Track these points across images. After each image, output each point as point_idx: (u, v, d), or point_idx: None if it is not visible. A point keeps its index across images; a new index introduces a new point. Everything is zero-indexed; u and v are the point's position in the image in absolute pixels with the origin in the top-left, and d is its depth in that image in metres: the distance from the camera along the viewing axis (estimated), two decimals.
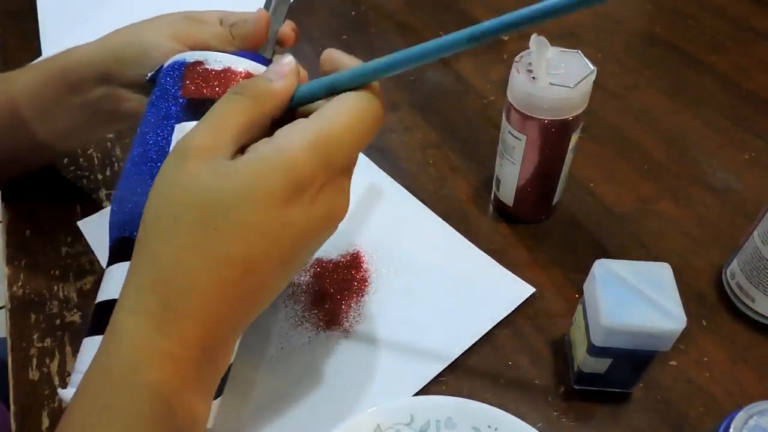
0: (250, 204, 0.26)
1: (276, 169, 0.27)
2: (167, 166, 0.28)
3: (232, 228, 0.26)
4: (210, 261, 0.26)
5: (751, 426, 0.31)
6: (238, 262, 0.27)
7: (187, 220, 0.26)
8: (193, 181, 0.26)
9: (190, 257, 0.26)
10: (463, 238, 0.49)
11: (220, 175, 0.26)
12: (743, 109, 0.60)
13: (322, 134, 0.28)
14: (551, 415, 0.40)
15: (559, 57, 0.42)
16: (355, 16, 0.75)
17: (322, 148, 0.28)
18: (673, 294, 0.35)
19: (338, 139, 0.28)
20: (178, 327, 0.26)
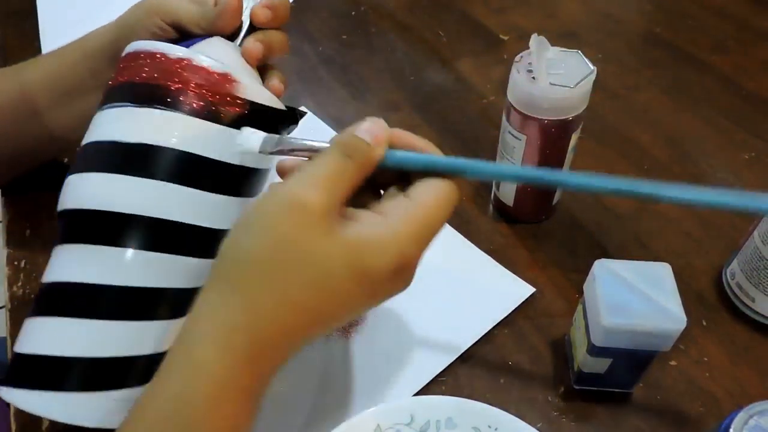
0: (354, 278, 0.28)
1: (388, 254, 0.28)
2: (277, 211, 0.28)
3: (333, 294, 0.28)
4: (308, 322, 0.28)
5: (751, 426, 0.31)
6: (327, 323, 0.29)
7: (297, 275, 0.27)
8: (313, 239, 0.27)
9: (291, 316, 0.28)
10: (463, 238, 0.49)
11: (340, 242, 0.28)
12: (743, 109, 0.60)
13: (426, 221, 0.30)
14: (551, 415, 0.40)
15: (559, 57, 0.42)
16: (355, 16, 0.75)
17: (424, 234, 0.30)
18: (673, 294, 0.35)
19: (436, 224, 0.30)
20: (259, 367, 0.28)
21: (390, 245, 0.28)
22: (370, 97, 0.63)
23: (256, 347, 0.27)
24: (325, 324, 0.29)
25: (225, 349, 0.27)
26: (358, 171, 0.29)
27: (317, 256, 0.27)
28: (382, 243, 0.28)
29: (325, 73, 0.66)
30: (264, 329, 0.27)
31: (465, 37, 0.71)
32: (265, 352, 0.28)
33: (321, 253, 0.27)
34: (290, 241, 0.27)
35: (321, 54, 0.69)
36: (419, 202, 0.30)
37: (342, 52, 0.69)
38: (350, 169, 0.29)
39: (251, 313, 0.27)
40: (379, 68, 0.67)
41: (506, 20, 0.72)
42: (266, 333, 0.27)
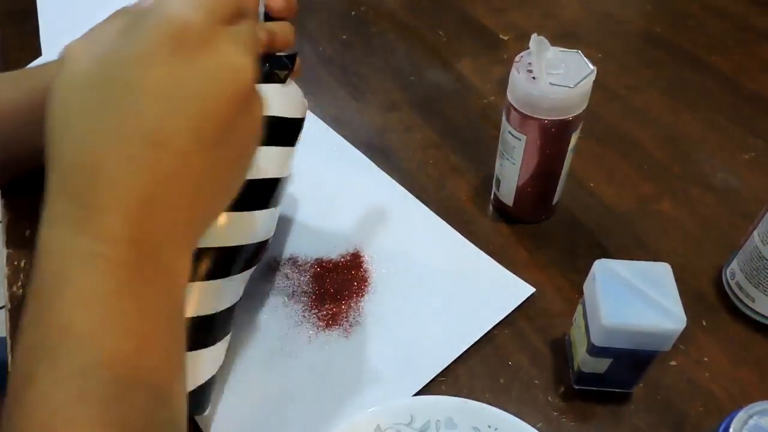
0: (136, 68, 0.24)
1: (152, 25, 0.24)
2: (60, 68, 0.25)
3: (124, 98, 0.24)
4: (112, 141, 0.23)
5: (751, 426, 0.31)
6: (141, 133, 0.24)
7: (78, 105, 0.24)
8: (78, 66, 0.24)
9: (90, 143, 0.23)
10: (463, 238, 0.49)
11: (112, 47, 0.25)
12: (743, 109, 0.60)
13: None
14: (551, 415, 0.40)
15: (559, 57, 0.42)
16: (355, 16, 0.75)
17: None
18: (673, 294, 0.35)
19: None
20: (100, 223, 0.23)
21: (152, 17, 0.25)
22: (370, 97, 0.63)
23: (83, 202, 0.23)
24: (162, 142, 0.24)
25: (51, 222, 0.24)
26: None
27: (87, 76, 0.24)
28: (144, 19, 0.25)
29: (325, 73, 0.66)
30: (76, 179, 0.23)
31: (465, 37, 0.71)
32: (95, 203, 0.23)
33: (88, 70, 0.24)
34: (60, 84, 0.25)
35: (321, 54, 0.69)
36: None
37: (342, 52, 0.69)
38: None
39: (59, 167, 0.24)
40: (379, 68, 0.67)
41: (506, 20, 0.72)
42: (81, 181, 0.23)
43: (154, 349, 0.25)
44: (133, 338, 0.24)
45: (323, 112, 0.61)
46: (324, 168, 0.55)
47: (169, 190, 0.25)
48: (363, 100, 0.63)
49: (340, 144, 0.58)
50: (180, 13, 0.25)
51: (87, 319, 0.23)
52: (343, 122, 0.60)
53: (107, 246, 0.23)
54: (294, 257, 0.48)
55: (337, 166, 0.56)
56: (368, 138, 0.58)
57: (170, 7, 0.25)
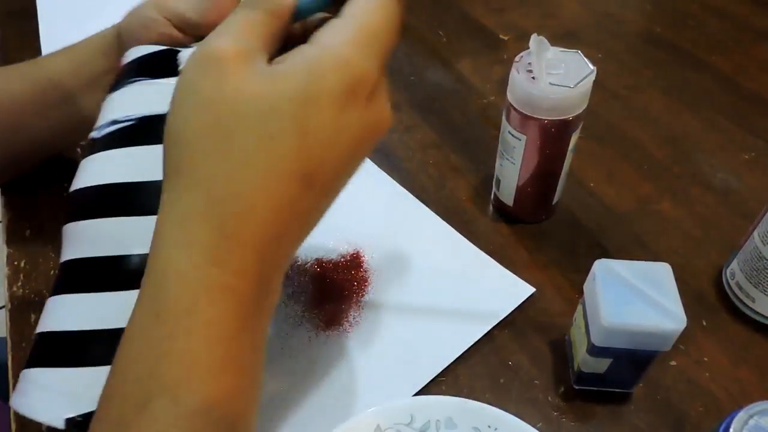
0: (308, 108, 0.23)
1: (330, 68, 0.24)
2: (195, 76, 0.24)
3: (290, 136, 0.23)
4: (269, 177, 0.23)
5: (751, 426, 0.31)
6: (298, 177, 0.24)
7: (240, 132, 0.23)
8: (240, 88, 0.23)
9: (247, 175, 0.23)
10: (463, 238, 0.49)
11: (269, 79, 0.23)
12: (743, 109, 0.60)
13: (364, 29, 0.25)
14: (551, 415, 0.40)
15: (559, 57, 0.42)
16: None
17: (368, 42, 0.25)
18: (673, 294, 0.35)
19: (380, 32, 0.25)
20: (238, 257, 0.23)
21: (326, 60, 0.24)
22: None
23: (226, 233, 0.23)
24: (314, 184, 0.24)
25: (184, 246, 0.23)
26: (270, 17, 0.26)
27: (259, 102, 0.23)
28: (317, 61, 0.24)
29: None
30: (226, 206, 0.23)
31: (465, 37, 0.71)
32: (239, 236, 0.23)
33: (261, 96, 0.23)
34: (217, 100, 0.23)
35: None
36: (352, 13, 0.25)
37: None
38: (259, 16, 0.25)
39: (205, 194, 0.23)
40: None
41: (506, 20, 0.72)
42: (231, 212, 0.23)
43: (255, 384, 0.25)
44: (245, 375, 0.24)
45: None
46: None
47: (301, 227, 0.25)
48: None
49: None
50: (360, 62, 0.24)
51: (212, 355, 0.23)
52: None
53: (240, 281, 0.23)
54: (294, 257, 0.48)
55: None
56: None
57: (350, 54, 0.24)
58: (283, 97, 0.23)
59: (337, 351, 0.43)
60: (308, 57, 0.24)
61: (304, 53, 0.24)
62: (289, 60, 0.24)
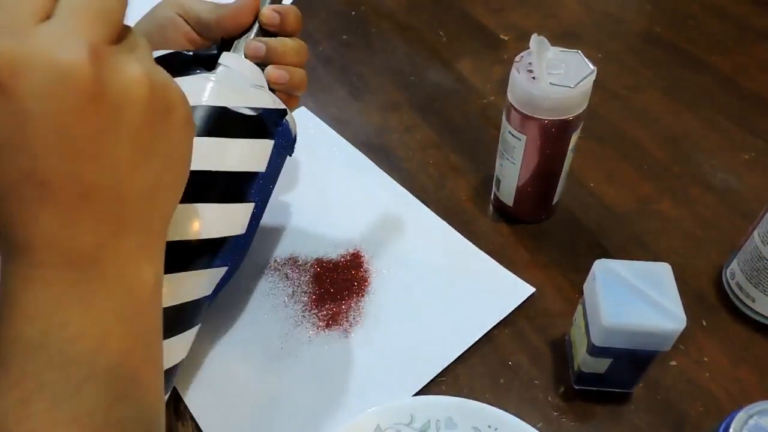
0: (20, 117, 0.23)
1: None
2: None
3: (17, 145, 0.24)
4: (10, 185, 0.24)
5: (751, 426, 0.31)
6: (25, 178, 0.24)
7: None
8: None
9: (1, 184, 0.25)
10: (463, 238, 0.49)
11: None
12: (743, 109, 0.60)
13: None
14: (551, 415, 0.40)
15: (559, 57, 0.42)
16: (355, 16, 0.75)
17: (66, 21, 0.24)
18: (673, 294, 0.35)
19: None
20: (30, 256, 0.25)
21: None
22: (370, 97, 0.63)
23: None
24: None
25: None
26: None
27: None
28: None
29: (325, 73, 0.66)
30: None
31: (465, 37, 0.71)
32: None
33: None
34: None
35: (321, 54, 0.69)
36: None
37: (342, 52, 0.69)
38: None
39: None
40: (379, 68, 0.67)
41: (506, 20, 0.72)
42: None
43: (106, 351, 0.26)
44: (80, 342, 0.25)
45: (323, 112, 0.61)
46: (324, 168, 0.55)
47: (72, 215, 0.25)
48: (363, 100, 0.63)
49: (340, 144, 0.58)
50: (60, 58, 0.23)
51: (33, 330, 0.25)
52: (343, 122, 0.60)
53: (43, 270, 0.25)
54: (294, 257, 0.48)
55: (337, 166, 0.56)
56: (368, 138, 0.58)
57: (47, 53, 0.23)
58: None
59: (337, 351, 0.43)
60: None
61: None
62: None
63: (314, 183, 0.54)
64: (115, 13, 0.25)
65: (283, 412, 0.40)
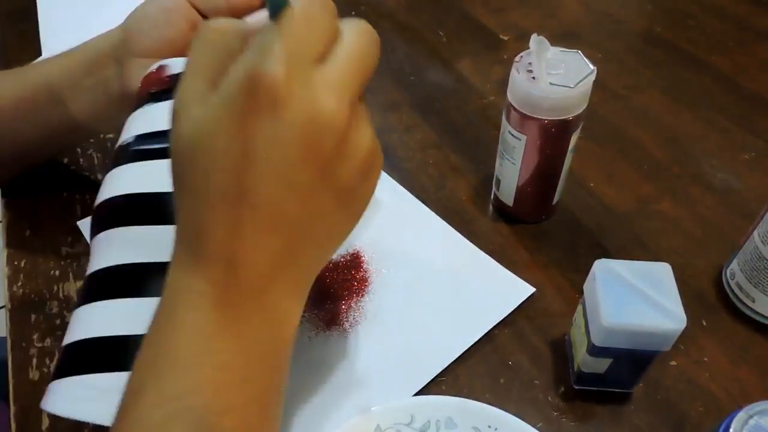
0: (215, 135, 0.25)
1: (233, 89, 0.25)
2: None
3: (211, 160, 0.26)
4: (205, 201, 0.26)
5: (751, 426, 0.31)
6: (222, 196, 0.26)
7: (188, 165, 0.26)
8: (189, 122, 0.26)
9: (195, 202, 0.26)
10: (463, 238, 0.49)
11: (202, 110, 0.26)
12: (743, 109, 0.60)
13: (344, 63, 0.27)
14: (551, 415, 0.40)
15: (559, 57, 0.42)
16: (355, 16, 0.74)
17: (344, 80, 0.27)
18: (673, 294, 0.35)
19: (360, 66, 0.28)
20: (203, 268, 0.26)
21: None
22: (370, 97, 0.63)
23: (191, 250, 0.26)
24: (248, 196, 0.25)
25: (172, 263, 0.26)
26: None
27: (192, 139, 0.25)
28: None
29: None
30: (186, 232, 0.26)
31: (465, 37, 0.71)
32: (205, 251, 0.25)
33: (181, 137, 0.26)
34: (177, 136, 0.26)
35: None
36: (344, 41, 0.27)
37: None
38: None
39: (178, 224, 0.26)
40: (379, 68, 0.67)
41: (506, 20, 0.72)
42: (191, 234, 0.26)
43: (247, 384, 0.27)
44: (227, 371, 0.26)
45: None
46: None
47: (262, 240, 0.26)
48: None
49: None
50: (260, 70, 0.24)
51: (189, 348, 0.25)
52: None
53: (211, 287, 0.26)
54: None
55: None
56: None
57: (247, 67, 0.24)
58: (205, 129, 0.25)
59: (337, 351, 0.43)
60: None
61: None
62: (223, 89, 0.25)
63: None
64: (372, 71, 0.28)
65: (283, 412, 0.40)
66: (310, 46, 0.25)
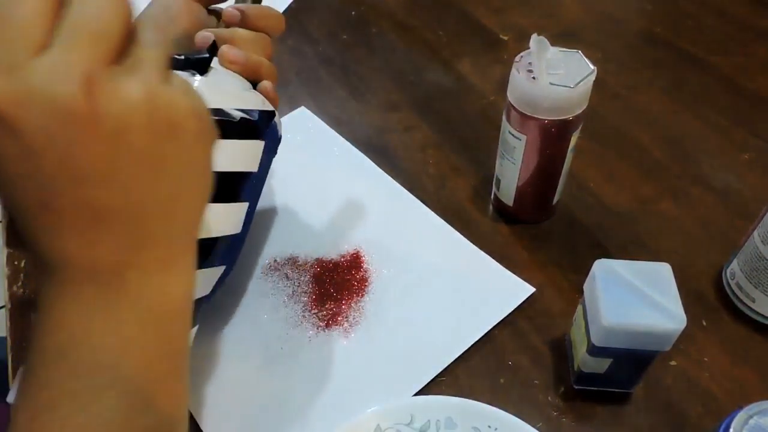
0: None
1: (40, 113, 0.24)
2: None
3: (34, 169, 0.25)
4: (40, 207, 0.26)
5: (751, 426, 0.31)
6: (40, 201, 0.26)
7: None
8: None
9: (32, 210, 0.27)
10: (463, 238, 0.49)
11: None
12: (743, 109, 0.60)
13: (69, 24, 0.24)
14: (551, 415, 0.40)
15: (559, 57, 0.42)
16: (355, 16, 0.75)
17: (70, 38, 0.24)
18: (673, 294, 0.35)
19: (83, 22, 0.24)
20: (57, 271, 0.27)
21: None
22: (370, 97, 0.63)
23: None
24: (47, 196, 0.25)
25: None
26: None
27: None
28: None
29: (325, 73, 0.66)
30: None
31: (465, 37, 0.71)
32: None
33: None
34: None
35: (321, 54, 0.69)
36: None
37: (342, 52, 0.69)
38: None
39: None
40: (379, 68, 0.67)
41: (506, 20, 0.72)
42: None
43: (129, 360, 0.27)
44: (103, 352, 0.27)
45: (323, 112, 0.61)
46: (324, 168, 0.55)
47: (89, 236, 0.26)
48: (363, 100, 0.63)
49: (340, 144, 0.58)
50: (55, 92, 0.23)
51: (59, 340, 0.27)
52: (343, 122, 0.60)
53: (64, 287, 0.27)
54: (294, 257, 0.48)
55: (337, 166, 0.56)
56: (368, 138, 0.58)
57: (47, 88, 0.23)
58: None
59: (338, 351, 0.43)
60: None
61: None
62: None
63: (314, 183, 0.54)
64: (115, 31, 0.25)
65: (283, 412, 0.40)
66: (17, 42, 0.23)
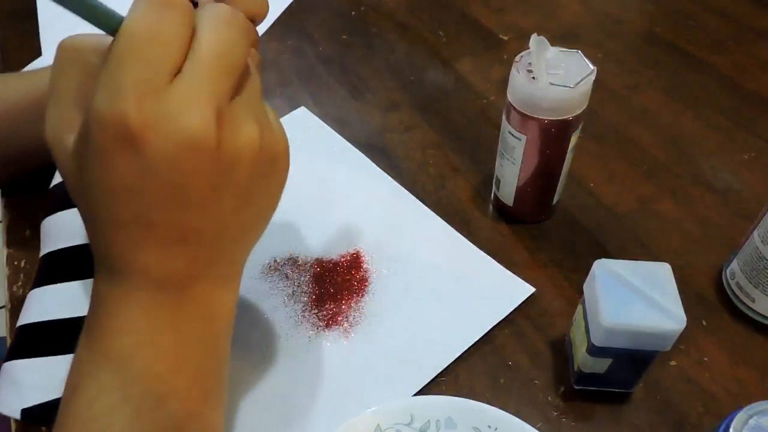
0: (97, 170, 0.26)
1: (94, 131, 0.25)
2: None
3: (103, 194, 0.26)
4: (118, 227, 0.27)
5: (751, 426, 0.31)
6: (128, 220, 0.27)
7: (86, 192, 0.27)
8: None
9: (108, 231, 0.27)
10: (463, 238, 0.49)
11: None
12: (743, 109, 0.60)
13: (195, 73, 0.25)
14: (551, 415, 0.40)
15: (559, 57, 0.42)
16: (355, 16, 0.75)
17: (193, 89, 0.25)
18: (673, 294, 0.35)
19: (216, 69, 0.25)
20: (129, 279, 0.27)
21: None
22: (370, 97, 0.63)
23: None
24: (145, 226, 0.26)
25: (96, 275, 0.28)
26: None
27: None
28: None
29: (325, 73, 0.66)
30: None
31: (465, 37, 0.71)
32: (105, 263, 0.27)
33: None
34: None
35: (321, 54, 0.69)
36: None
37: (342, 52, 0.69)
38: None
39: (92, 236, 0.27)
40: (379, 68, 0.67)
41: (506, 20, 0.72)
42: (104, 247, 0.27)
43: (186, 371, 0.28)
44: (166, 359, 0.27)
45: (323, 112, 0.61)
46: (324, 168, 0.55)
47: (170, 251, 0.27)
48: (363, 100, 0.63)
49: (340, 144, 0.58)
50: (108, 111, 0.23)
51: (123, 344, 0.27)
52: (343, 122, 0.60)
53: (134, 293, 0.27)
54: (294, 257, 0.48)
55: (337, 166, 0.56)
56: (368, 138, 0.58)
57: (96, 108, 0.24)
58: (83, 166, 0.26)
59: (338, 351, 0.43)
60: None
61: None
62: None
63: (314, 183, 0.54)
64: (241, 64, 0.26)
65: (283, 412, 0.40)
66: (158, 65, 0.23)
